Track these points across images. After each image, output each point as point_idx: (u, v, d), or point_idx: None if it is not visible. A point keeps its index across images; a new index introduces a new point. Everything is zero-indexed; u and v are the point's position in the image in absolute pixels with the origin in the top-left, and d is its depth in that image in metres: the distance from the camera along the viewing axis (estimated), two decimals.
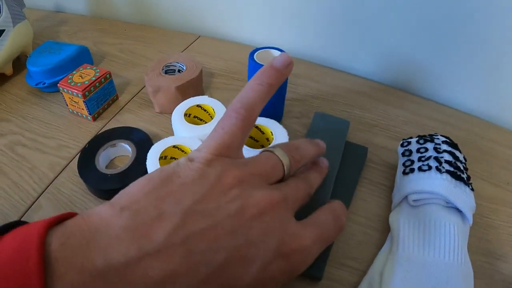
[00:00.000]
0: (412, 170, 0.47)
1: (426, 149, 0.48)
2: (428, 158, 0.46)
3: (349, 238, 0.47)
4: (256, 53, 0.54)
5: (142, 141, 0.55)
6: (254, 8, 0.78)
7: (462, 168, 0.46)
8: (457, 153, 0.48)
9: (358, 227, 0.48)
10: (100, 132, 0.57)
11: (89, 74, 0.61)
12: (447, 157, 0.46)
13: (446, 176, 0.44)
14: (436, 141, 0.49)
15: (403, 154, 0.50)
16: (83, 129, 0.62)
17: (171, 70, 0.65)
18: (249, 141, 0.51)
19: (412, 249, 0.41)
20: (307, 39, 0.77)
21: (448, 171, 0.44)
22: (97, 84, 0.61)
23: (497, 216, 0.49)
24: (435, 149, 0.47)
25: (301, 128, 0.61)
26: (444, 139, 0.49)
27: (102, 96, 0.63)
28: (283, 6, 0.74)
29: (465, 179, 0.45)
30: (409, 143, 0.51)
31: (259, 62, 0.52)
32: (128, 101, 0.68)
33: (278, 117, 0.61)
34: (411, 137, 0.52)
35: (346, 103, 0.67)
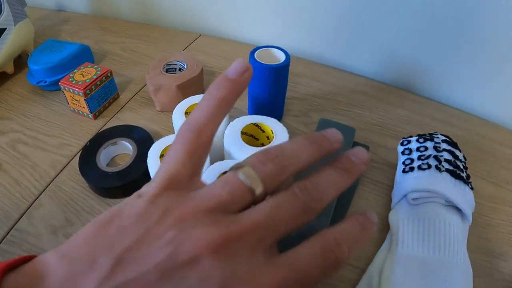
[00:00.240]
0: (412, 169, 0.47)
1: (426, 148, 0.48)
2: (428, 157, 0.47)
3: None
4: (257, 52, 0.54)
5: (143, 139, 0.55)
6: (255, 7, 0.78)
7: (462, 167, 0.46)
8: (457, 152, 0.48)
9: None
10: (101, 130, 0.58)
11: (90, 73, 0.61)
12: (447, 156, 0.46)
13: (446, 175, 0.44)
14: (436, 140, 0.49)
15: (403, 153, 0.50)
16: (84, 127, 0.62)
17: (172, 69, 0.66)
18: (250, 140, 0.51)
19: (412, 248, 0.41)
20: (308, 38, 0.77)
21: (448, 170, 0.45)
22: (98, 83, 0.61)
23: (497, 215, 0.49)
24: (435, 148, 0.47)
25: (301, 127, 0.62)
26: (444, 138, 0.49)
27: (103, 95, 0.63)
28: (285, 5, 0.74)
29: (465, 178, 0.45)
30: (409, 142, 0.51)
31: (260, 61, 0.53)
32: (129, 100, 0.68)
33: (278, 116, 0.61)
34: (411, 136, 0.52)
35: (347, 102, 0.67)
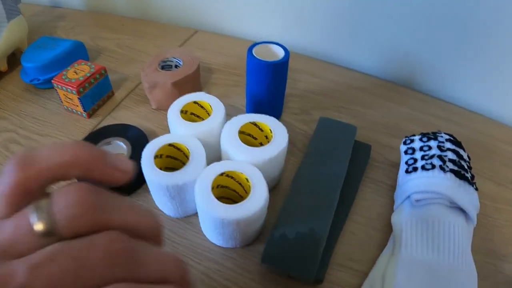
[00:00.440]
0: (416, 169, 0.46)
1: (430, 147, 0.47)
2: (432, 157, 0.45)
3: (351, 238, 0.46)
4: (255, 48, 0.53)
5: (138, 139, 0.54)
6: (254, 2, 0.76)
7: (466, 167, 0.45)
8: (461, 152, 0.47)
9: (360, 227, 0.47)
10: (95, 130, 0.56)
11: (84, 70, 0.60)
12: (451, 156, 0.45)
13: (450, 176, 0.43)
14: (440, 139, 0.47)
15: (406, 152, 0.49)
16: (78, 126, 0.61)
17: (168, 66, 0.64)
18: (248, 139, 0.50)
19: (416, 251, 0.40)
20: (308, 34, 0.76)
21: (452, 170, 0.43)
22: (92, 80, 0.59)
23: (501, 216, 0.48)
24: (439, 147, 0.46)
25: (301, 125, 0.60)
26: (448, 137, 0.48)
27: (97, 93, 0.62)
28: (283, 0, 0.73)
29: (469, 179, 0.44)
30: (412, 141, 0.50)
31: (258, 57, 0.51)
32: (124, 98, 0.66)
33: (277, 113, 0.60)
34: (414, 135, 0.50)
35: (348, 100, 0.65)
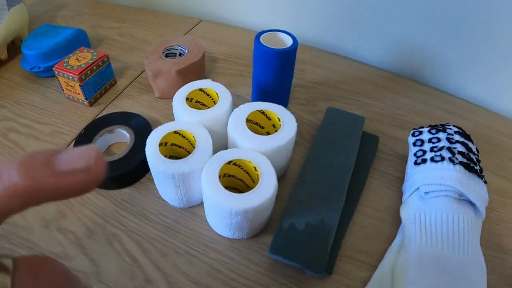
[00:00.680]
0: (424, 161, 0.45)
1: (439, 139, 0.46)
2: (441, 149, 0.45)
3: (359, 231, 0.45)
4: (263, 36, 0.52)
5: (141, 127, 0.52)
6: None
7: (475, 160, 0.45)
8: (470, 144, 0.46)
9: (368, 219, 0.46)
10: (97, 118, 0.55)
11: (86, 57, 0.59)
12: (460, 148, 0.44)
13: (460, 168, 0.42)
14: (449, 131, 0.47)
15: (414, 144, 0.48)
16: (79, 115, 0.59)
17: (172, 54, 0.63)
18: (255, 128, 0.49)
19: (425, 243, 0.39)
20: (313, 25, 0.75)
21: (462, 163, 0.43)
22: (94, 68, 0.58)
23: (507, 210, 0.48)
24: (448, 140, 0.45)
25: (307, 115, 0.59)
26: (457, 129, 0.47)
27: (100, 81, 0.60)
28: None
29: (478, 171, 0.43)
30: (421, 133, 0.49)
31: (266, 45, 0.50)
32: (127, 86, 0.65)
33: (284, 103, 0.59)
34: (422, 127, 0.50)
35: (353, 91, 0.65)
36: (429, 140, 0.47)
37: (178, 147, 0.46)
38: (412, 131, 0.50)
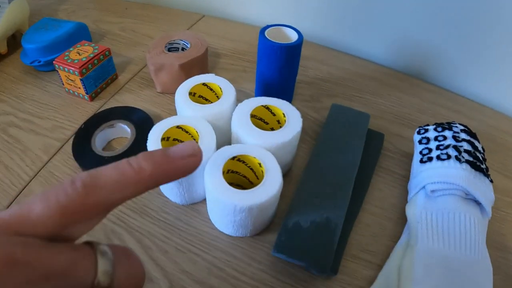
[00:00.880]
0: (430, 159, 0.44)
1: (445, 137, 0.45)
2: (447, 147, 0.44)
3: (365, 230, 0.44)
4: (267, 30, 0.51)
5: (143, 122, 0.52)
6: None
7: (481, 159, 0.44)
8: (476, 143, 0.45)
9: (373, 218, 0.45)
10: (98, 112, 0.54)
11: (87, 51, 0.58)
12: (467, 147, 0.44)
13: (466, 166, 0.42)
14: (455, 130, 0.46)
15: (420, 142, 0.48)
16: (80, 110, 0.59)
17: (175, 48, 0.62)
18: (259, 124, 0.48)
19: (432, 243, 0.38)
20: (317, 21, 0.74)
21: (468, 161, 0.42)
22: (96, 62, 0.57)
23: None
24: (454, 138, 0.45)
25: (311, 112, 0.59)
26: (463, 128, 0.47)
27: (101, 75, 0.60)
28: None
29: (485, 170, 0.43)
30: (426, 131, 0.48)
31: (270, 39, 0.49)
32: (128, 81, 0.64)
33: (288, 99, 0.58)
34: (428, 125, 0.49)
35: (358, 88, 0.64)
36: (435, 138, 0.46)
37: (181, 142, 0.45)
38: (418, 129, 0.50)
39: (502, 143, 0.56)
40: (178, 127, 0.43)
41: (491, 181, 0.43)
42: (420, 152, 0.47)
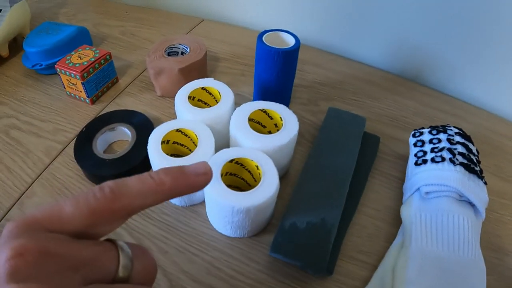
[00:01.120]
0: (425, 161, 0.45)
1: (439, 140, 0.46)
2: (442, 149, 0.45)
3: (360, 231, 0.45)
4: (265, 35, 0.52)
5: (143, 125, 0.52)
6: None
7: (475, 161, 0.45)
8: (470, 146, 0.46)
9: (369, 219, 0.46)
10: (99, 115, 0.55)
11: (88, 55, 0.59)
12: (461, 149, 0.44)
13: (460, 168, 0.42)
14: (449, 132, 0.47)
15: (415, 145, 0.48)
16: (81, 113, 0.59)
17: (174, 52, 0.63)
18: (256, 127, 0.49)
19: (426, 244, 0.39)
20: (315, 25, 0.75)
21: (462, 164, 0.43)
22: (97, 66, 0.58)
23: (507, 211, 0.48)
24: (449, 140, 0.46)
25: (309, 115, 0.59)
26: (457, 131, 0.47)
27: (102, 78, 0.60)
28: None
29: (479, 172, 0.43)
30: (421, 134, 0.49)
31: (268, 44, 0.50)
32: (129, 84, 0.65)
33: (286, 103, 0.59)
34: (423, 128, 0.50)
35: (355, 92, 0.65)
36: (430, 141, 0.47)
37: (180, 146, 0.46)
38: (413, 132, 0.50)
39: (498, 146, 0.57)
40: (178, 131, 0.44)
41: (485, 183, 0.44)
42: (415, 155, 0.47)
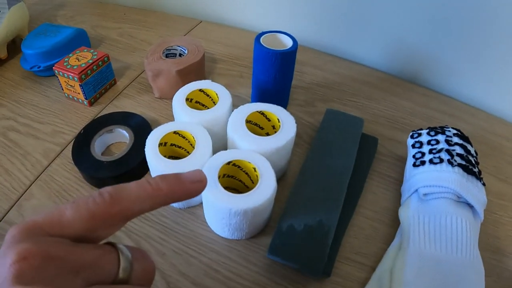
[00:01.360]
0: (423, 163, 0.45)
1: (438, 141, 0.46)
2: (440, 151, 0.45)
3: (358, 232, 0.45)
4: (263, 37, 0.52)
5: (141, 127, 0.52)
6: None
7: (474, 162, 0.45)
8: (469, 147, 0.46)
9: (367, 221, 0.46)
10: (97, 117, 0.55)
11: (86, 57, 0.59)
12: (459, 150, 0.44)
13: (458, 170, 0.42)
14: (448, 133, 0.47)
15: (413, 146, 0.48)
16: (79, 115, 0.59)
17: (172, 54, 0.63)
18: (254, 129, 0.49)
19: (424, 245, 0.39)
20: (312, 26, 0.75)
21: (460, 165, 0.43)
22: (95, 67, 0.58)
23: (506, 212, 0.48)
24: (447, 142, 0.45)
25: (306, 117, 0.59)
26: (455, 132, 0.47)
27: (100, 80, 0.60)
28: None
29: (477, 174, 0.43)
30: (420, 135, 0.49)
31: (266, 46, 0.50)
32: (127, 86, 0.65)
33: (283, 105, 0.59)
34: (421, 129, 0.50)
35: (352, 93, 0.65)
36: (428, 142, 0.47)
37: (178, 148, 0.46)
38: (411, 133, 0.50)
39: (496, 146, 0.57)
40: (176, 133, 0.44)
41: (484, 184, 0.44)
42: (413, 156, 0.47)
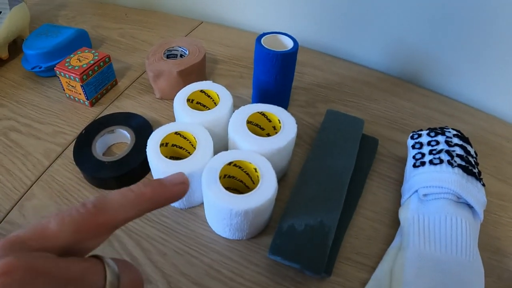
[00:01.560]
0: (423, 163, 0.45)
1: (438, 142, 0.46)
2: (440, 152, 0.45)
3: (358, 233, 0.45)
4: (264, 38, 0.52)
5: (142, 127, 0.53)
6: None
7: (474, 163, 0.45)
8: (469, 147, 0.46)
9: (367, 221, 0.46)
10: (98, 118, 0.55)
11: (88, 58, 0.59)
12: (459, 151, 0.45)
13: (458, 170, 0.42)
14: (448, 134, 0.47)
15: (413, 147, 0.49)
16: (80, 115, 0.60)
17: (173, 55, 0.63)
18: (255, 130, 0.49)
19: (424, 246, 0.39)
20: (313, 27, 0.75)
21: (460, 166, 0.43)
22: (96, 68, 0.58)
23: (506, 213, 0.48)
24: (447, 143, 0.46)
25: (307, 117, 0.60)
26: (455, 133, 0.47)
27: (101, 81, 0.61)
28: None
29: (477, 174, 0.44)
30: (420, 136, 0.49)
31: (267, 47, 0.50)
32: (128, 87, 0.65)
33: (284, 105, 0.59)
34: (421, 130, 0.50)
35: (353, 93, 0.65)
36: (428, 143, 0.47)
37: (179, 148, 0.46)
38: (411, 134, 0.50)
39: (496, 147, 0.57)
40: (177, 133, 0.44)
41: (483, 185, 0.44)
42: (413, 157, 0.47)
